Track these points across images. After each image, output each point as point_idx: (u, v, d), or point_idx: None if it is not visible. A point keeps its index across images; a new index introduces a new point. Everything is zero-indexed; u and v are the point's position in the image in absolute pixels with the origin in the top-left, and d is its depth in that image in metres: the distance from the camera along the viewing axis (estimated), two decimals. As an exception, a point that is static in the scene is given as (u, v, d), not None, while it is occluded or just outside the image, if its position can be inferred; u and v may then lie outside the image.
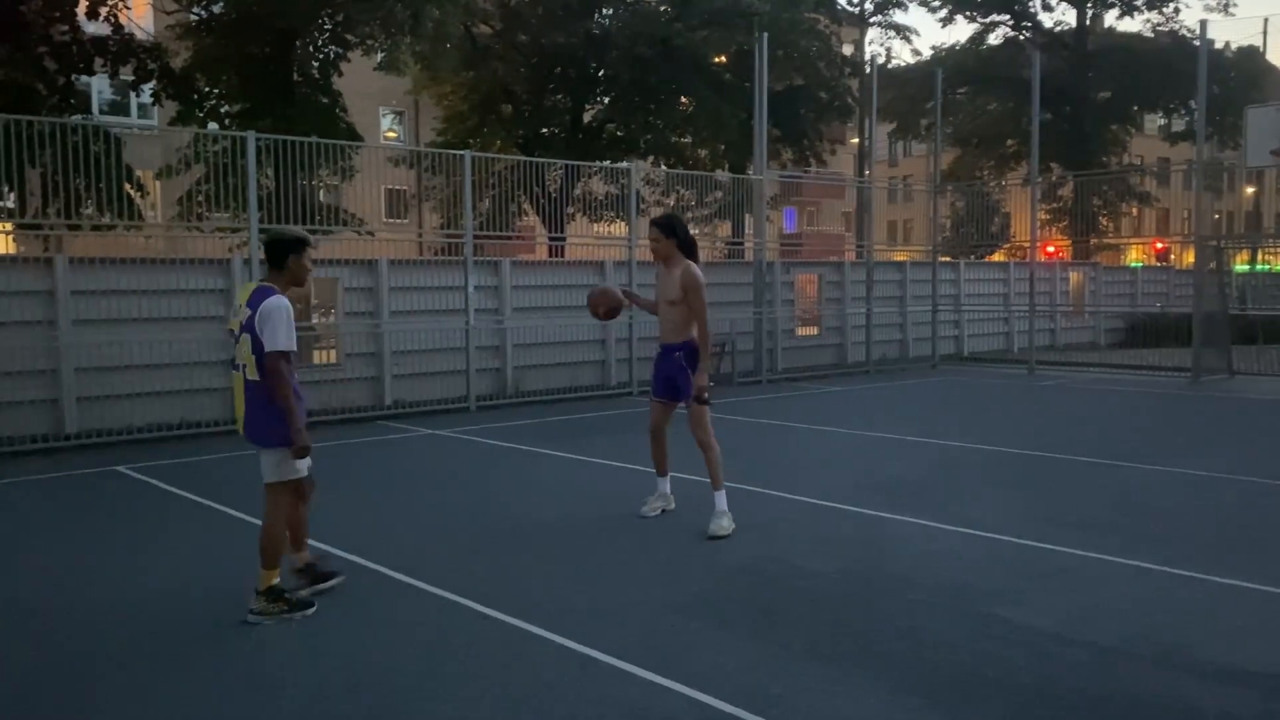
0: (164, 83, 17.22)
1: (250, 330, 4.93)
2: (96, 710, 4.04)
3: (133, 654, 4.62)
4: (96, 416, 10.81)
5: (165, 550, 6.46)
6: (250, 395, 5.02)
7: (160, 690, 4.21)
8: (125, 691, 4.20)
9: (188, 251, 13.84)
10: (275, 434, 5.00)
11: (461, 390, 13.42)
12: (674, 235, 6.76)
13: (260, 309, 4.92)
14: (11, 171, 10.92)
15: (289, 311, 4.97)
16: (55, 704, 4.11)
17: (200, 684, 4.26)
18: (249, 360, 4.97)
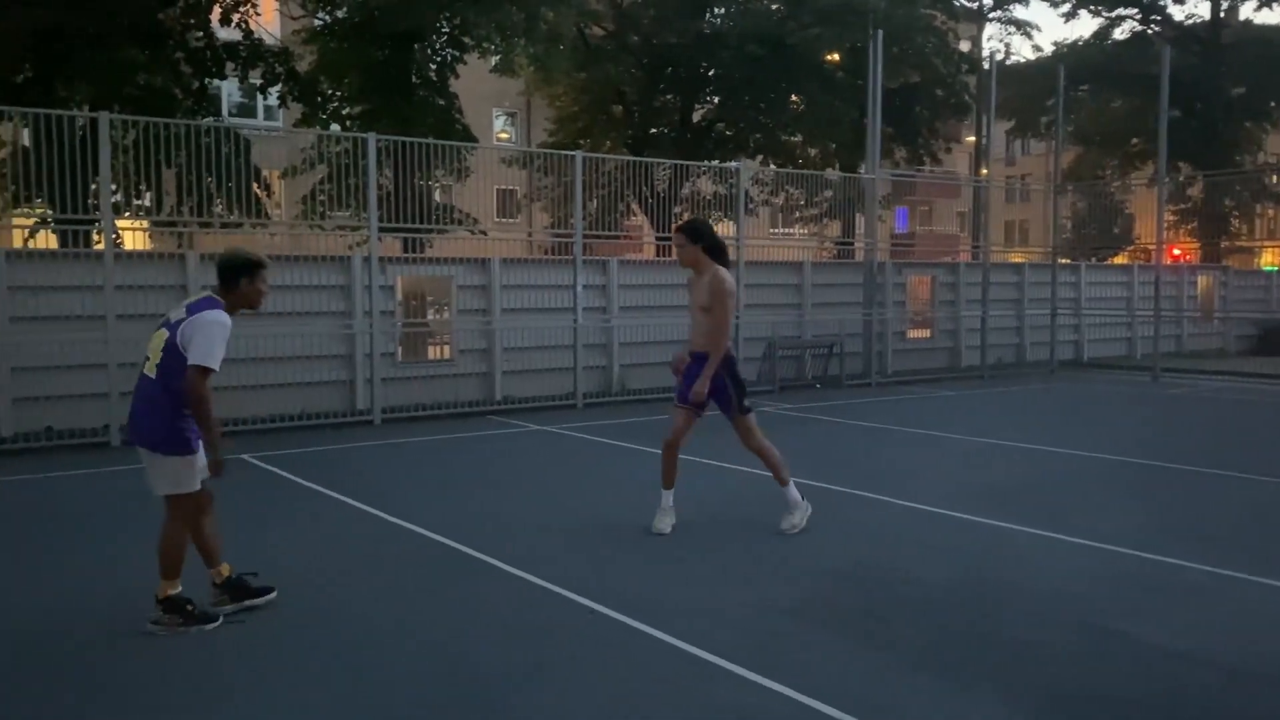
0: (290, 86, 17.88)
1: (174, 330, 4.67)
2: (206, 661, 4.24)
3: (252, 629, 4.83)
4: (222, 406, 11.25)
5: (284, 534, 6.71)
6: (146, 394, 4.72)
7: (280, 659, 4.39)
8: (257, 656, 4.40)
9: (309, 249, 14.37)
10: (172, 442, 4.69)
11: (569, 387, 13.59)
12: (699, 240, 6.62)
13: (198, 316, 4.65)
14: (149, 171, 11.52)
15: (227, 330, 4.67)
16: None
17: (305, 663, 4.42)
18: (155, 355, 4.72)
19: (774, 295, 16.06)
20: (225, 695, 4.12)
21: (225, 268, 4.85)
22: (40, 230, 12.96)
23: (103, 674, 4.35)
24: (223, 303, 4.77)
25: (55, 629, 4.87)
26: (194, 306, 4.75)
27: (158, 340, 4.73)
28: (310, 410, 11.77)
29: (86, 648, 4.63)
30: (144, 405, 4.74)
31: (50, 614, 5.10)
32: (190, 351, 4.59)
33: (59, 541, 6.65)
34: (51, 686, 4.21)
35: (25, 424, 10.23)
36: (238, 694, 4.13)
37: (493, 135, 36.08)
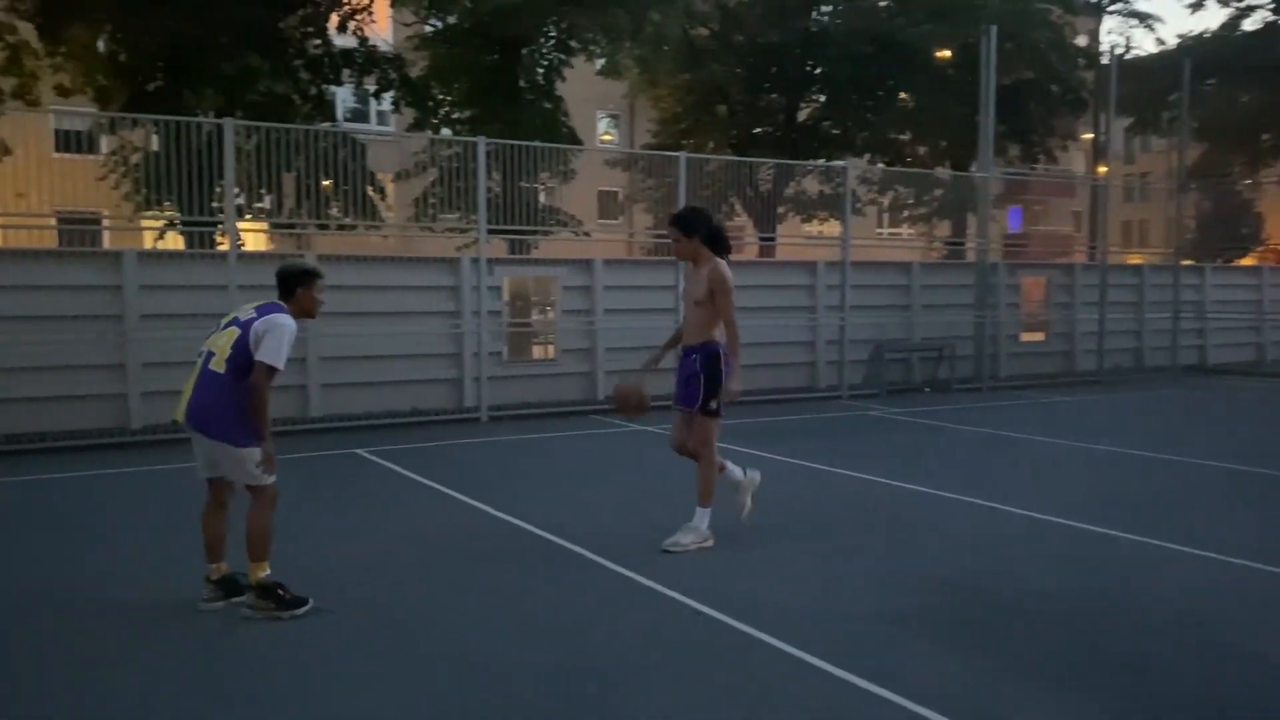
0: (403, 91, 18.34)
1: (245, 328, 4.88)
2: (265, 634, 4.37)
3: (363, 619, 4.96)
4: (338, 402, 11.66)
5: (392, 526, 6.88)
6: (215, 389, 4.87)
7: (391, 648, 4.50)
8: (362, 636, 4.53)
9: (420, 250, 14.73)
10: (247, 434, 4.87)
11: (669, 388, 13.57)
12: (694, 233, 6.13)
13: (268, 317, 4.89)
14: (269, 175, 11.97)
15: (294, 334, 4.93)
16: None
17: (412, 653, 4.52)
18: (221, 350, 4.89)
19: (881, 296, 15.80)
20: (335, 683, 4.24)
21: (283, 277, 5.10)
22: (168, 232, 13.57)
23: (228, 653, 4.53)
24: (288, 309, 5.02)
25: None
26: (264, 308, 4.98)
27: (228, 337, 4.91)
28: (420, 407, 12.05)
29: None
30: (214, 400, 4.87)
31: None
32: (260, 350, 4.80)
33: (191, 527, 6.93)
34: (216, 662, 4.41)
35: (152, 417, 10.72)
36: (348, 681, 4.24)
37: (596, 137, 36.37)
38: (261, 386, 4.83)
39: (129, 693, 4.13)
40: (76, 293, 10.48)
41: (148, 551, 6.34)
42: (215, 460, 5.02)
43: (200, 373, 4.93)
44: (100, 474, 8.86)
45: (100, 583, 5.66)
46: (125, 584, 5.60)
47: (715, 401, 6.18)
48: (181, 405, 4.96)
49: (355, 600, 5.29)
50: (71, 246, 11.65)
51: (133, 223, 13.95)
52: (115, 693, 4.14)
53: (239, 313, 5.04)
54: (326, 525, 6.97)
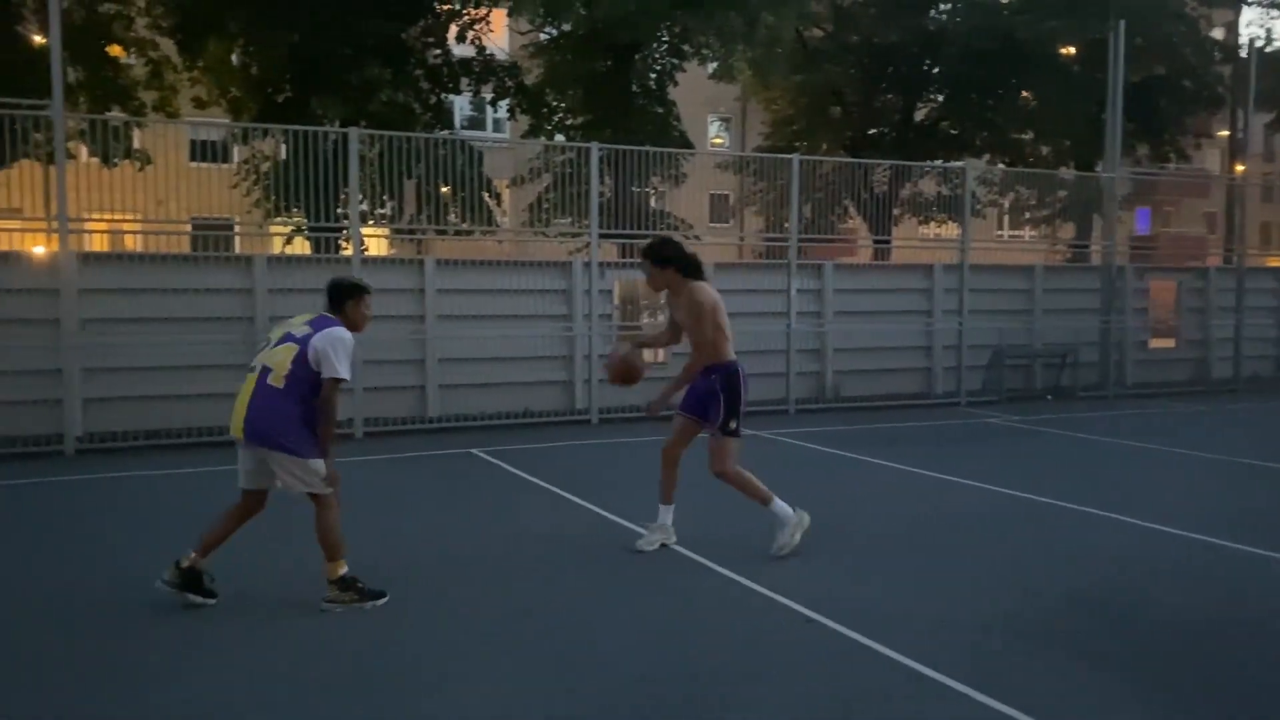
0: (519, 98, 18.68)
1: (303, 344, 4.97)
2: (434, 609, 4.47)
3: (468, 616, 5.05)
4: (454, 403, 11.93)
5: (503, 524, 6.99)
6: (274, 403, 4.94)
7: (494, 648, 4.57)
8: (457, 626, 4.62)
9: (533, 255, 14.96)
10: (304, 445, 4.97)
11: (781, 392, 13.48)
12: (668, 264, 6.00)
13: (325, 332, 4.99)
14: (390, 182, 12.32)
15: (352, 345, 5.08)
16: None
17: (518, 652, 4.58)
18: (280, 366, 4.95)
19: (1001, 301, 15.34)
20: (442, 680, 4.33)
21: (335, 290, 5.23)
22: (295, 237, 14.11)
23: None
24: (340, 321, 5.14)
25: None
26: (318, 323, 5.08)
27: (285, 352, 4.98)
28: (532, 408, 12.23)
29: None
30: (277, 414, 4.95)
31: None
32: (326, 366, 4.93)
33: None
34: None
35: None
36: (454, 679, 4.33)
37: (707, 141, 36.33)
38: (334, 401, 5.02)
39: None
40: (210, 295, 10.98)
41: (270, 542, 6.58)
42: (269, 472, 5.08)
43: (257, 388, 4.98)
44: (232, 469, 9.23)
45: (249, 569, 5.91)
46: (254, 574, 5.83)
47: (735, 421, 6.09)
48: (238, 421, 5.00)
49: (466, 596, 5.40)
50: (205, 251, 12.20)
51: (262, 229, 14.53)
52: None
53: (291, 328, 5.10)
54: (443, 521, 7.13)
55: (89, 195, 10.87)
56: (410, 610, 5.17)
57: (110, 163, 11.87)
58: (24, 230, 12.66)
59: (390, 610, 5.14)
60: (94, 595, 5.41)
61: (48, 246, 11.07)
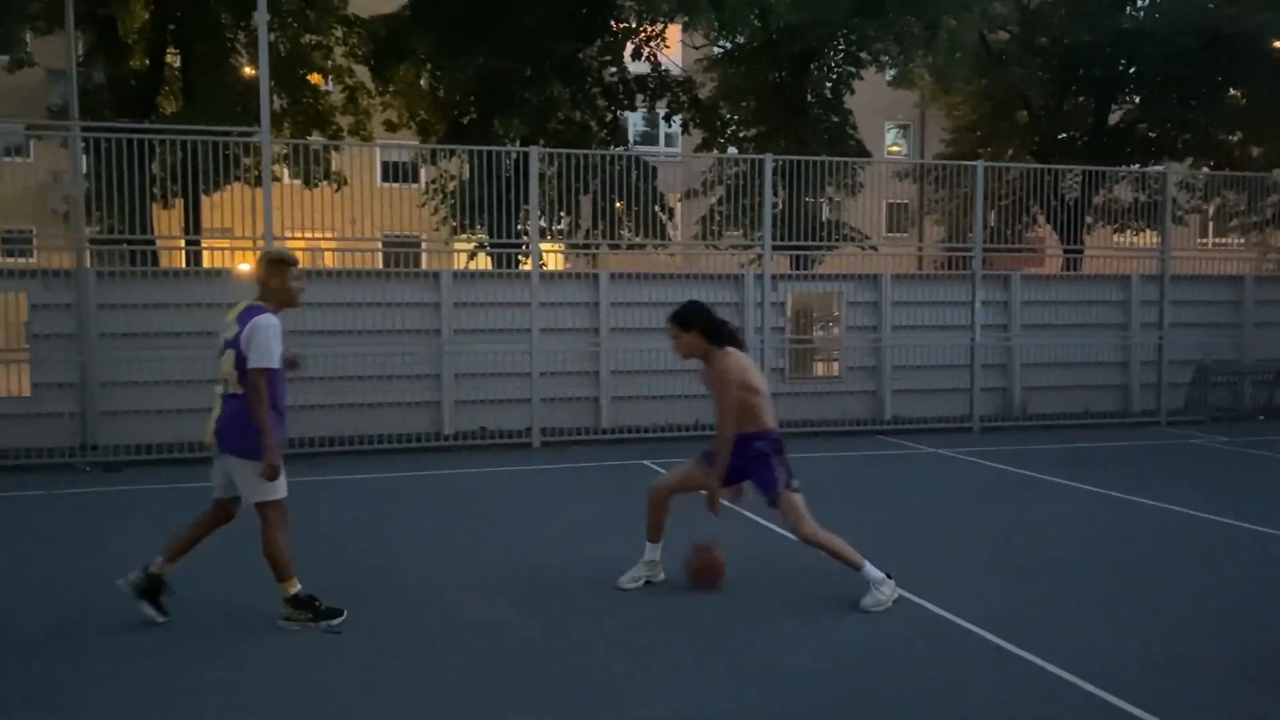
0: (692, 113, 18.78)
1: (235, 346, 4.91)
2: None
3: (647, 634, 5.03)
4: (626, 415, 12.04)
5: (674, 539, 6.96)
6: (231, 408, 4.93)
7: (685, 657, 4.53)
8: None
9: (704, 268, 14.96)
10: (255, 448, 4.86)
11: (964, 409, 12.97)
12: (691, 327, 5.63)
13: (249, 325, 4.89)
14: (566, 198, 12.58)
15: (278, 330, 4.91)
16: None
17: (695, 663, 4.51)
18: (230, 374, 4.93)
19: (1206, 314, 14.27)
20: (637, 682, 4.32)
21: (259, 268, 5.16)
22: (478, 254, 14.61)
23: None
24: (266, 307, 5.02)
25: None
26: (244, 317, 4.99)
27: (228, 360, 4.95)
28: (704, 422, 12.18)
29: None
30: (234, 419, 4.93)
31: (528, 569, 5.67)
32: (251, 357, 4.84)
33: (500, 525, 7.36)
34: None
35: (463, 424, 11.54)
36: (644, 679, 4.31)
37: (884, 149, 35.52)
38: (261, 389, 4.84)
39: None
40: (400, 309, 11.48)
41: (465, 532, 6.79)
42: (232, 479, 5.04)
43: (224, 399, 5.01)
44: (420, 475, 9.62)
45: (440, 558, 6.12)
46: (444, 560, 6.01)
47: (796, 480, 5.67)
48: (210, 429, 5.05)
49: (638, 614, 5.38)
50: (395, 267, 12.78)
51: (447, 245, 15.12)
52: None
53: (226, 332, 5.04)
54: (615, 532, 7.16)
55: (290, 215, 11.55)
56: (584, 620, 5.22)
57: (311, 184, 12.61)
58: (233, 248, 13.61)
59: (558, 619, 5.19)
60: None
61: (252, 264, 11.86)
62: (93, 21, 16.14)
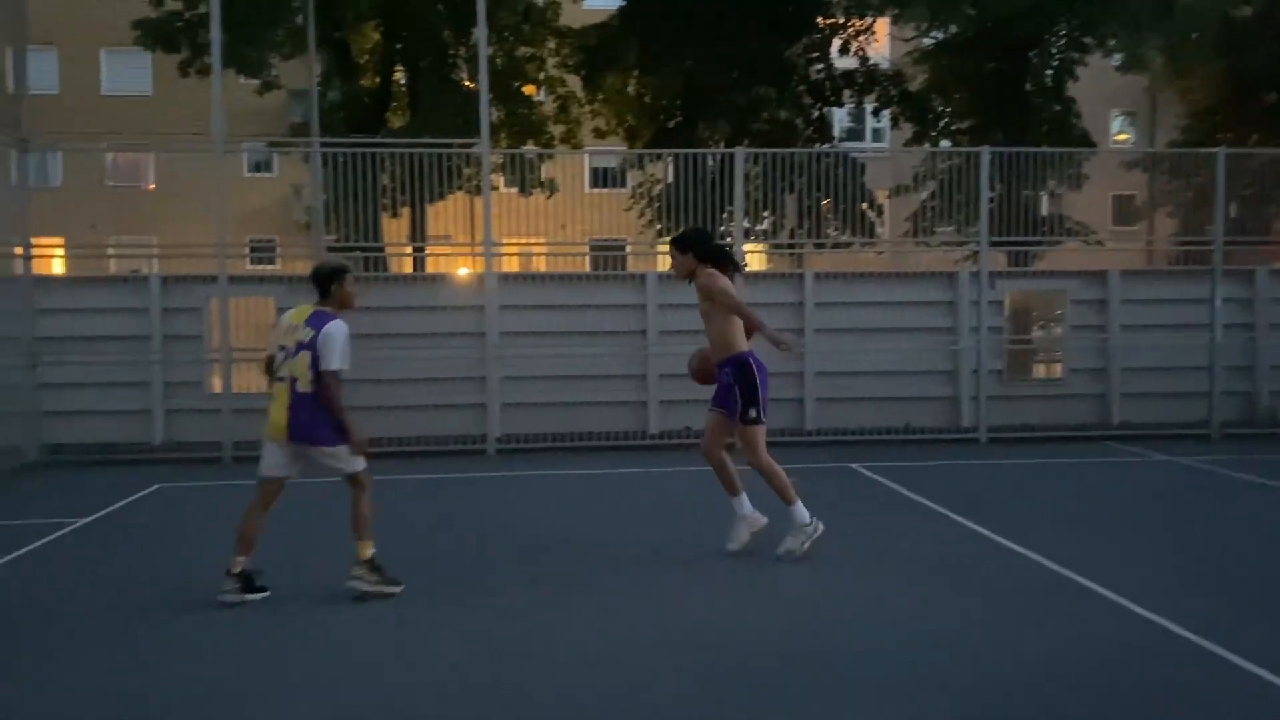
0: (902, 106, 18.30)
1: (311, 349, 5.36)
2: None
3: (834, 639, 4.93)
4: (832, 416, 11.85)
5: (881, 541, 6.80)
6: (301, 404, 5.40)
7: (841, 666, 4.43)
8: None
9: (914, 265, 14.54)
10: (328, 436, 5.42)
11: (1202, 414, 12.00)
12: (688, 250, 6.35)
13: (322, 331, 5.37)
14: (770, 198, 12.51)
15: (347, 336, 5.43)
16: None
17: (866, 675, 4.38)
18: (302, 374, 5.37)
19: None
20: (827, 692, 4.26)
21: (317, 277, 5.60)
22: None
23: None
24: (332, 313, 5.51)
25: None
26: (314, 322, 5.45)
27: (302, 361, 5.39)
28: (914, 424, 11.86)
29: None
30: (311, 416, 5.41)
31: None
32: (323, 362, 5.35)
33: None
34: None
35: (668, 423, 11.68)
36: (835, 689, 4.25)
37: (1109, 138, 33.41)
38: (334, 388, 5.37)
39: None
40: (607, 311, 11.75)
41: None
42: (295, 464, 5.56)
43: (291, 396, 5.43)
44: (631, 474, 9.82)
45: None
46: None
47: (754, 410, 6.19)
48: (278, 426, 5.46)
49: (846, 612, 5.29)
50: (602, 270, 13.10)
51: (652, 248, 15.37)
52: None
53: (300, 335, 5.44)
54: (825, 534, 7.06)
55: (503, 221, 12.04)
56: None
57: (526, 192, 13.13)
58: (453, 255, 14.33)
59: (758, 624, 5.17)
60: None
61: (471, 268, 12.47)
62: (330, 44, 17.40)
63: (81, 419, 10.99)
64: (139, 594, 5.78)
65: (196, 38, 16.33)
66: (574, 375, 11.50)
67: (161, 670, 4.62)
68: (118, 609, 5.52)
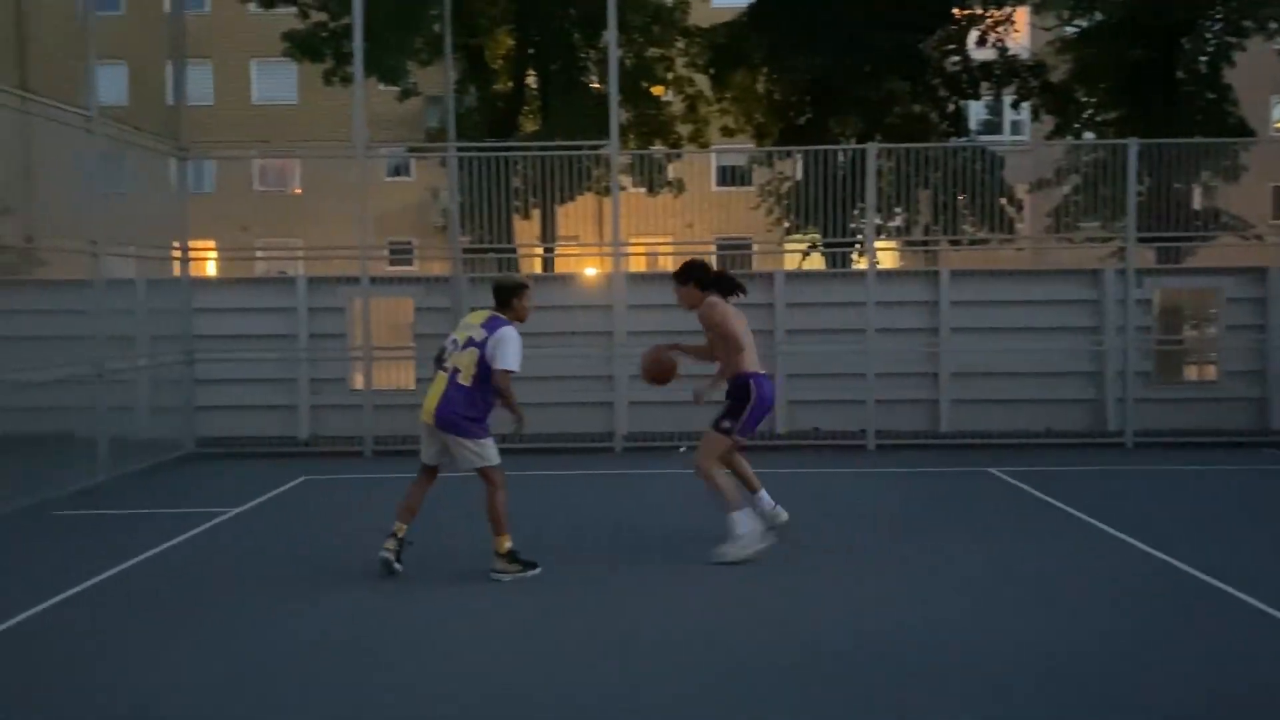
0: (1043, 98, 17.65)
1: (481, 348, 5.92)
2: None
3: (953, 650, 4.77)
4: (968, 418, 11.51)
5: (1023, 549, 6.56)
6: (456, 394, 5.92)
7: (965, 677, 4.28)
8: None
9: (1055, 263, 13.99)
10: (474, 429, 5.93)
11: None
12: (688, 282, 6.63)
13: (497, 333, 5.94)
14: (903, 194, 12.23)
15: (520, 341, 5.99)
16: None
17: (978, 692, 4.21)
18: (467, 368, 5.92)
19: None
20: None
21: (500, 291, 6.21)
22: (811, 253, 14.58)
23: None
24: (508, 320, 6.07)
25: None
26: (490, 325, 6.02)
27: (470, 357, 5.94)
28: (1055, 428, 11.41)
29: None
30: (462, 407, 5.92)
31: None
32: (497, 360, 5.88)
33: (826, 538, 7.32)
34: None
35: (796, 423, 11.56)
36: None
37: (1268, 126, 31.45)
38: (506, 384, 5.94)
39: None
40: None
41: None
42: (448, 451, 6.02)
43: (449, 384, 5.96)
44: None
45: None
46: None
47: (729, 422, 6.42)
48: (428, 410, 5.99)
49: (988, 634, 5.13)
50: (729, 270, 13.03)
51: (780, 246, 15.22)
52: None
53: (472, 333, 6.01)
54: (958, 543, 6.87)
55: (630, 221, 12.09)
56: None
57: (654, 192, 13.18)
58: (581, 255, 14.51)
59: (885, 649, 5.06)
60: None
61: (599, 268, 12.59)
62: (465, 50, 17.84)
63: (232, 413, 11.57)
64: (301, 567, 6.35)
65: (340, 47, 16.97)
66: (697, 375, 11.44)
67: (329, 622, 5.15)
68: (286, 578, 6.12)
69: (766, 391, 6.54)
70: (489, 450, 6.01)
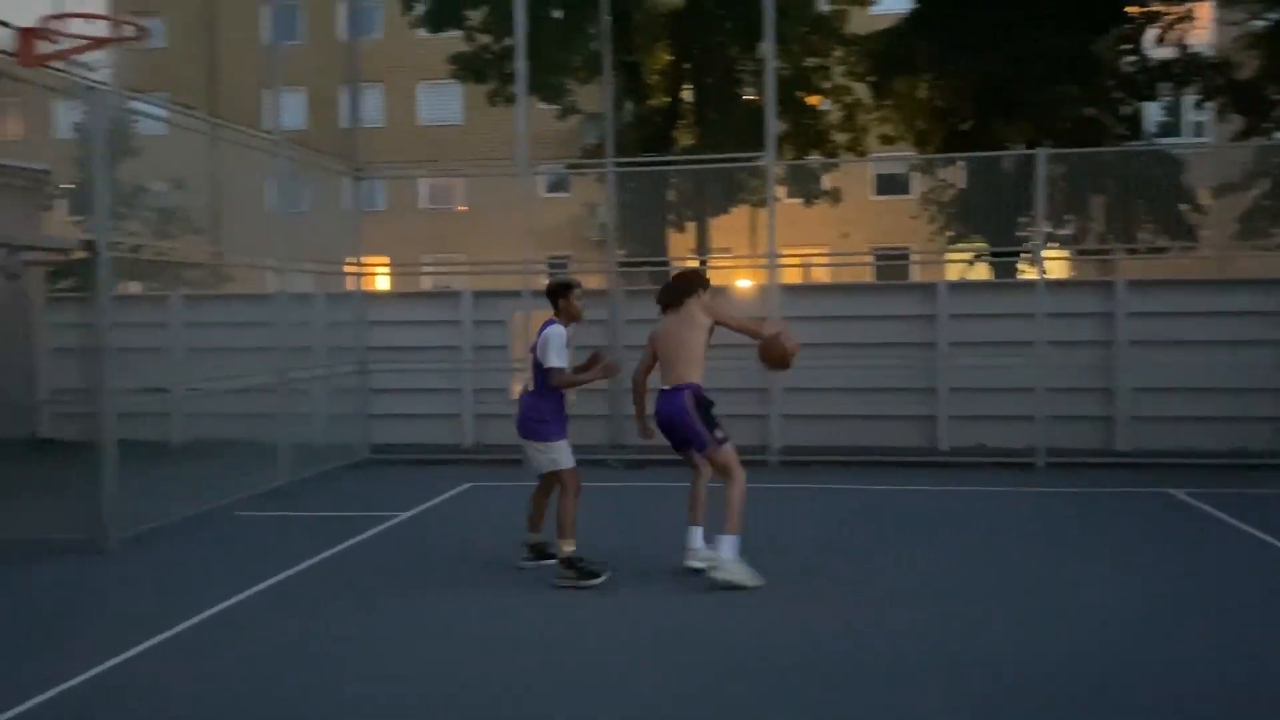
0: (1230, 97, 16.58)
1: (534, 351, 6.27)
2: None
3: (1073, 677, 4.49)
4: (1148, 436, 10.87)
5: (1206, 578, 6.13)
6: (526, 400, 6.35)
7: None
8: None
9: (1244, 271, 13.09)
10: (542, 431, 6.19)
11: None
12: (694, 293, 6.50)
13: (542, 335, 6.22)
14: (1074, 201, 11.69)
15: (562, 338, 6.18)
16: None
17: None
18: (529, 373, 6.32)
19: None
20: None
21: (549, 293, 6.45)
22: (975, 263, 14.13)
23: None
24: (557, 321, 6.30)
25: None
26: (541, 329, 6.29)
27: (530, 363, 6.34)
28: (1248, 448, 10.65)
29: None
30: (529, 410, 6.29)
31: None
32: (541, 359, 6.17)
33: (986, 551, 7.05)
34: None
35: (960, 439, 11.18)
36: None
37: None
38: (557, 378, 6.15)
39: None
40: (892, 322, 11.42)
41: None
42: (530, 457, 6.36)
43: (522, 393, 6.53)
44: (906, 490, 9.47)
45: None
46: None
47: (719, 433, 6.27)
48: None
49: (1139, 657, 4.83)
50: (886, 280, 12.76)
51: (940, 255, 14.80)
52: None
53: (534, 340, 6.34)
54: (1131, 567, 6.50)
55: (783, 231, 11.99)
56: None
57: (809, 202, 13.05)
58: (734, 266, 14.47)
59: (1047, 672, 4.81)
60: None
61: (751, 280, 12.52)
62: (623, 67, 18.12)
63: (403, 421, 12.07)
64: (474, 563, 6.80)
65: (503, 68, 17.51)
66: (856, 388, 11.24)
67: (502, 607, 5.44)
68: (460, 572, 6.61)
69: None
70: (559, 453, 6.24)
